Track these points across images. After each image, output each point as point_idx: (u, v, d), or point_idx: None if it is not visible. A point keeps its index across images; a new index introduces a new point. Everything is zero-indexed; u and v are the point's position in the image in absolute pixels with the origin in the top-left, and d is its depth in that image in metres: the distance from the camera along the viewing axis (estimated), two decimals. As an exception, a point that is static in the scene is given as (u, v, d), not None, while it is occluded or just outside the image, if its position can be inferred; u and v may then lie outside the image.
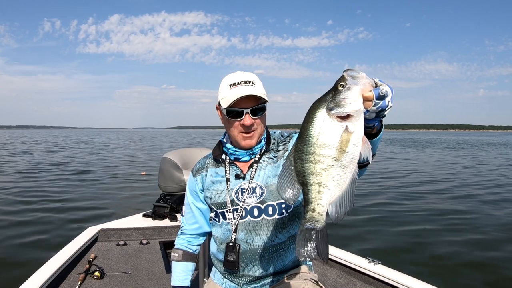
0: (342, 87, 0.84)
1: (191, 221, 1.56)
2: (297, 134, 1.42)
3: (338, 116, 0.84)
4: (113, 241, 3.33)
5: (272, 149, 1.45)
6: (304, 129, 0.88)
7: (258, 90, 1.34)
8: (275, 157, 1.42)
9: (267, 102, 1.39)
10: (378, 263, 2.54)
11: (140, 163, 16.44)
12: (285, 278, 1.43)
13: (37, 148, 26.18)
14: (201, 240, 1.61)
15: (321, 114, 0.86)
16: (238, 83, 1.34)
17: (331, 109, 0.84)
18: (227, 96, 1.34)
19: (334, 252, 2.77)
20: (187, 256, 1.57)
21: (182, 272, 1.56)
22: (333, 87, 0.86)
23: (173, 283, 1.57)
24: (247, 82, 1.34)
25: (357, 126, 0.85)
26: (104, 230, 3.37)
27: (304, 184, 0.88)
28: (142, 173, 12.24)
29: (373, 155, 1.06)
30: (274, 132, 1.51)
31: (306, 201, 0.90)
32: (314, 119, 0.86)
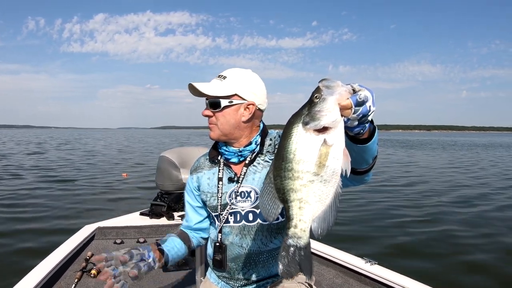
0: (317, 98, 0.82)
1: (185, 218, 1.58)
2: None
3: (315, 130, 0.82)
4: (110, 239, 3.33)
5: (269, 151, 1.41)
6: (281, 145, 0.86)
7: (211, 86, 1.33)
8: (271, 159, 1.39)
9: (230, 98, 1.34)
10: (375, 263, 2.54)
11: (130, 163, 16.25)
12: (279, 280, 1.43)
13: (24, 149, 25.51)
14: (195, 236, 1.55)
15: (297, 129, 0.83)
16: (219, 76, 1.37)
17: (306, 123, 0.82)
18: None
19: (331, 252, 2.77)
20: (182, 235, 1.52)
21: (168, 239, 1.47)
22: (309, 100, 0.84)
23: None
24: (220, 76, 1.36)
25: (336, 138, 0.82)
26: (101, 228, 3.36)
27: (284, 201, 0.86)
28: (123, 174, 11.94)
29: (374, 158, 1.05)
30: (271, 133, 1.48)
31: (288, 218, 0.87)
32: (290, 134, 0.84)
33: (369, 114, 0.84)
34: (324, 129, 0.82)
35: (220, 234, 1.41)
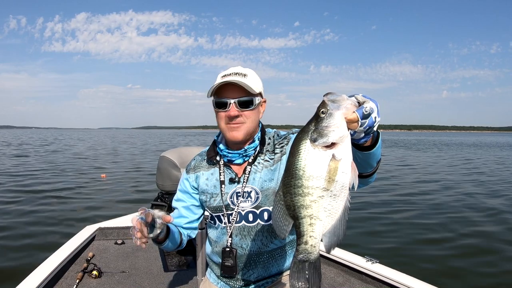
0: (323, 113, 0.81)
1: (174, 215, 1.49)
2: (295, 136, 1.40)
3: (323, 146, 0.82)
4: (111, 240, 3.33)
5: (268, 150, 1.39)
6: (289, 162, 0.85)
7: (247, 81, 1.29)
8: (271, 159, 1.37)
9: (258, 96, 1.34)
10: (376, 262, 2.54)
11: (127, 164, 15.98)
12: (280, 279, 1.43)
13: (6, 152, 24.61)
14: (184, 233, 1.48)
15: (305, 145, 0.83)
16: (229, 74, 1.31)
17: (315, 140, 0.82)
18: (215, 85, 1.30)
19: (332, 251, 2.77)
20: (178, 230, 1.44)
21: (172, 228, 1.38)
22: (315, 115, 0.83)
23: None
24: (239, 73, 1.31)
25: (344, 152, 0.81)
26: (102, 229, 3.36)
27: (295, 218, 0.86)
28: (102, 175, 11.67)
29: (378, 162, 1.05)
30: (270, 132, 1.46)
31: (298, 234, 0.87)
32: (299, 151, 0.83)
33: (374, 124, 0.84)
34: (332, 144, 0.81)
35: (230, 239, 1.37)
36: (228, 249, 1.37)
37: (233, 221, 1.37)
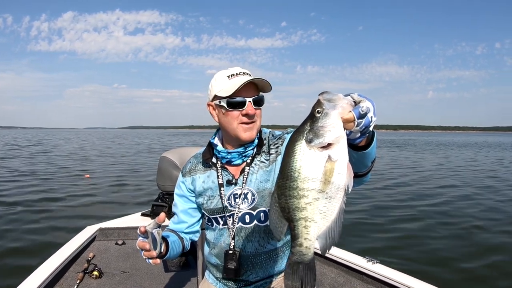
0: (319, 113, 0.79)
1: (174, 221, 1.50)
2: (289, 135, 1.39)
3: (319, 146, 0.80)
4: (111, 240, 3.33)
5: (264, 151, 1.39)
6: (284, 163, 0.83)
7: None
8: (267, 160, 1.37)
9: (269, 91, 1.35)
10: (377, 262, 2.54)
11: (125, 165, 15.85)
12: (278, 279, 1.43)
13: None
14: (186, 238, 1.46)
15: (301, 146, 0.81)
16: (237, 73, 1.31)
17: (310, 141, 0.80)
18: (227, 87, 1.28)
19: (333, 251, 2.76)
20: (179, 237, 1.42)
21: (171, 236, 1.36)
22: (310, 114, 0.81)
23: None
24: (245, 73, 1.32)
25: (340, 152, 0.80)
26: (102, 229, 3.36)
27: (290, 220, 0.85)
28: (86, 175, 11.57)
29: (373, 161, 1.03)
30: (265, 132, 1.46)
31: (293, 237, 0.86)
32: (294, 152, 0.81)
33: (370, 124, 0.83)
34: (328, 145, 0.79)
35: (233, 241, 1.37)
36: (231, 251, 1.37)
37: (233, 223, 1.37)
